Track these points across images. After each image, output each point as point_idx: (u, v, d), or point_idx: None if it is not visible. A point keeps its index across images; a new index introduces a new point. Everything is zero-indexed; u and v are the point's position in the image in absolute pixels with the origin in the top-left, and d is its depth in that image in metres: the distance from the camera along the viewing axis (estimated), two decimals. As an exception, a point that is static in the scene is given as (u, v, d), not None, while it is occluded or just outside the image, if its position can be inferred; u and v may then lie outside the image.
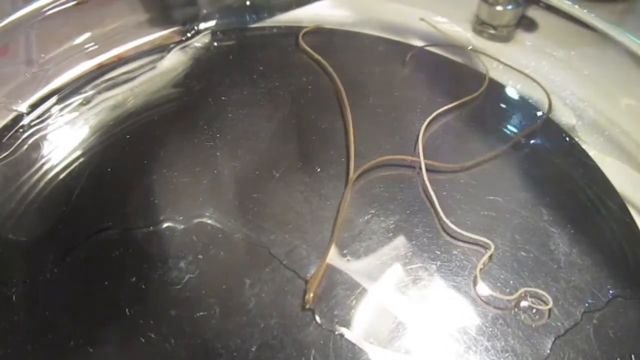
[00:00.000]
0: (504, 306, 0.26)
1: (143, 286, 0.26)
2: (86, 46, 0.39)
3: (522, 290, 0.27)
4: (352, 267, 0.27)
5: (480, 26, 0.44)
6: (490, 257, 0.28)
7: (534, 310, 0.26)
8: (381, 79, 0.40)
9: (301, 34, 0.42)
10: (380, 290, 0.27)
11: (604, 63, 0.39)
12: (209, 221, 0.29)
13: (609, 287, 0.27)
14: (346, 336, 0.25)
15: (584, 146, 0.35)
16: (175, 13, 0.43)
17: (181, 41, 0.41)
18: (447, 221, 0.29)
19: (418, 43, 0.43)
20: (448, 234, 0.29)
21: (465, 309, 0.26)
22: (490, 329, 0.25)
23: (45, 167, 0.31)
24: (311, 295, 0.26)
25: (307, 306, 0.26)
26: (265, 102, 0.36)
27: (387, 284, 0.27)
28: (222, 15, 0.43)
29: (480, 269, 0.27)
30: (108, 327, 0.25)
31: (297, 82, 0.38)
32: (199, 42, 0.41)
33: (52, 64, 0.37)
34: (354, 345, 0.25)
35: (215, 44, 0.41)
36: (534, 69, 0.41)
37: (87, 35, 0.39)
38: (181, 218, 0.29)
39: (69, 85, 0.37)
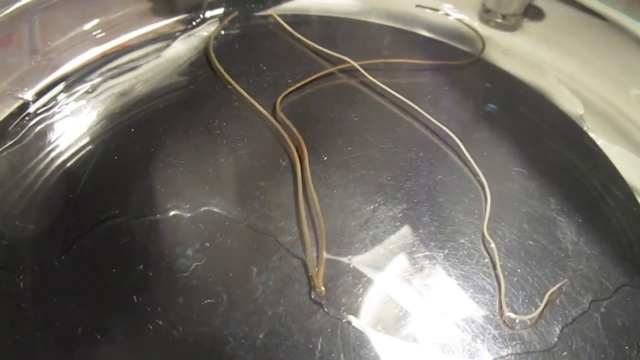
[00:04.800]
0: (511, 294, 0.26)
1: (150, 274, 0.26)
2: (91, 34, 0.39)
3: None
4: (359, 256, 0.27)
5: (487, 15, 0.44)
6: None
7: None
8: (388, 68, 0.39)
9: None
10: (387, 279, 0.27)
11: (612, 52, 0.38)
12: (216, 209, 0.29)
13: (616, 275, 0.27)
14: (353, 324, 0.25)
15: (591, 135, 0.35)
16: (180, 1, 0.42)
17: (187, 29, 0.41)
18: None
19: (424, 32, 0.43)
20: (455, 223, 0.29)
21: (472, 297, 0.26)
22: (498, 317, 0.25)
23: (52, 155, 0.31)
24: (322, 288, 0.26)
25: (319, 299, 0.26)
26: (272, 90, 0.36)
27: (394, 272, 0.27)
28: (228, 3, 0.43)
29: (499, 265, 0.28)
30: (115, 315, 0.25)
31: (304, 70, 0.38)
32: (205, 30, 0.41)
33: (57, 52, 0.37)
34: (361, 332, 0.25)
35: (222, 32, 0.41)
36: (541, 58, 0.40)
37: (92, 23, 0.39)
38: (188, 206, 0.29)
39: (74, 73, 0.36)
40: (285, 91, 0.35)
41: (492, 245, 0.28)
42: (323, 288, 0.26)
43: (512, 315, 0.26)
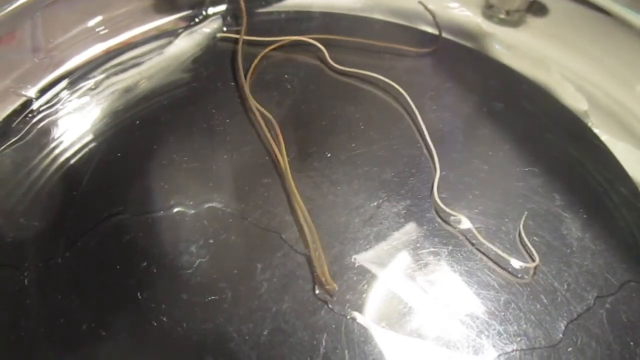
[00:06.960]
0: (516, 290, 0.26)
1: (154, 271, 0.26)
2: (94, 31, 0.39)
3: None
4: (363, 252, 0.27)
5: (490, 10, 0.44)
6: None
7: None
8: (389, 65, 0.39)
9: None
10: (391, 275, 0.27)
11: (616, 47, 0.38)
12: (220, 206, 0.29)
13: (621, 271, 0.27)
14: (358, 320, 0.25)
15: (596, 131, 0.35)
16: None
17: (189, 26, 0.41)
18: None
19: (429, 28, 0.43)
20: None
21: (476, 293, 0.26)
22: (503, 314, 0.25)
23: (55, 152, 0.31)
24: (335, 285, 0.26)
25: (327, 296, 0.25)
26: (275, 87, 0.36)
27: (398, 268, 0.27)
28: (231, -1, 0.43)
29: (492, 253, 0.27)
30: (120, 311, 0.25)
31: (306, 67, 0.38)
32: (208, 27, 0.41)
33: (60, 49, 0.37)
34: (365, 329, 0.25)
35: (224, 29, 0.41)
36: (544, 54, 0.40)
37: (95, 20, 0.39)
38: (191, 203, 0.29)
39: (77, 70, 0.36)
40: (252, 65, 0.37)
41: (459, 217, 0.28)
42: (335, 285, 0.25)
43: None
